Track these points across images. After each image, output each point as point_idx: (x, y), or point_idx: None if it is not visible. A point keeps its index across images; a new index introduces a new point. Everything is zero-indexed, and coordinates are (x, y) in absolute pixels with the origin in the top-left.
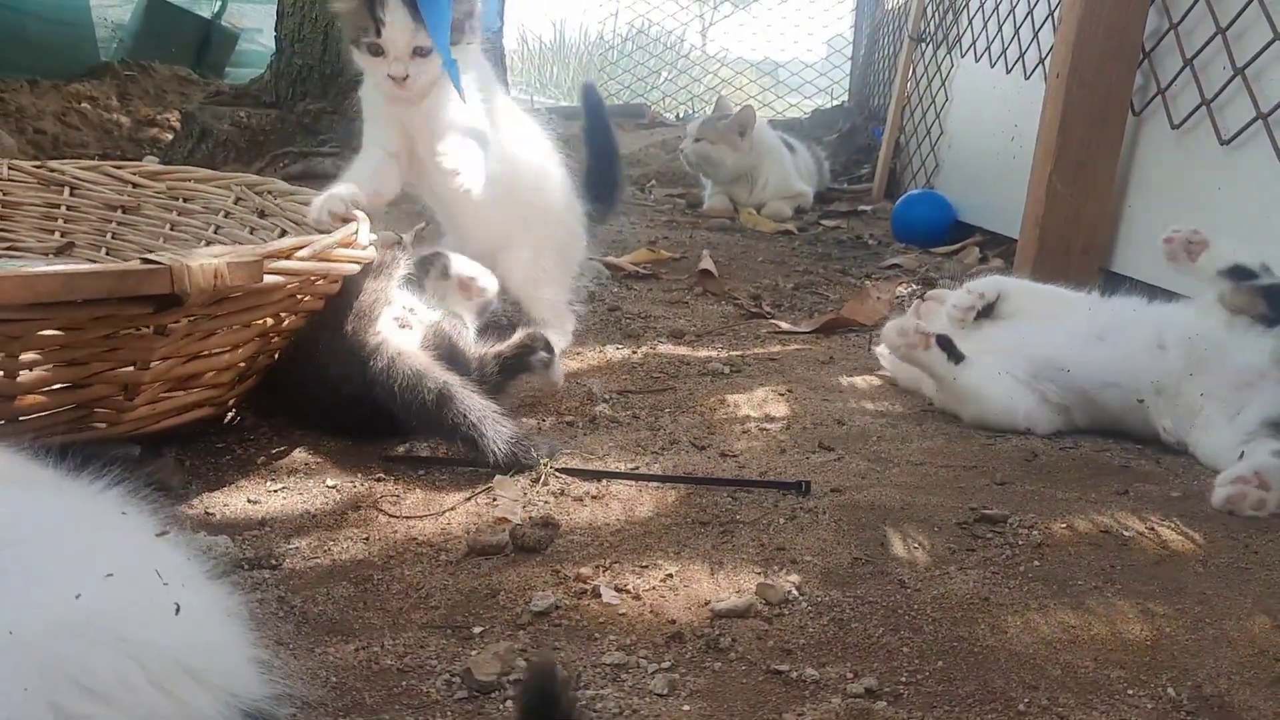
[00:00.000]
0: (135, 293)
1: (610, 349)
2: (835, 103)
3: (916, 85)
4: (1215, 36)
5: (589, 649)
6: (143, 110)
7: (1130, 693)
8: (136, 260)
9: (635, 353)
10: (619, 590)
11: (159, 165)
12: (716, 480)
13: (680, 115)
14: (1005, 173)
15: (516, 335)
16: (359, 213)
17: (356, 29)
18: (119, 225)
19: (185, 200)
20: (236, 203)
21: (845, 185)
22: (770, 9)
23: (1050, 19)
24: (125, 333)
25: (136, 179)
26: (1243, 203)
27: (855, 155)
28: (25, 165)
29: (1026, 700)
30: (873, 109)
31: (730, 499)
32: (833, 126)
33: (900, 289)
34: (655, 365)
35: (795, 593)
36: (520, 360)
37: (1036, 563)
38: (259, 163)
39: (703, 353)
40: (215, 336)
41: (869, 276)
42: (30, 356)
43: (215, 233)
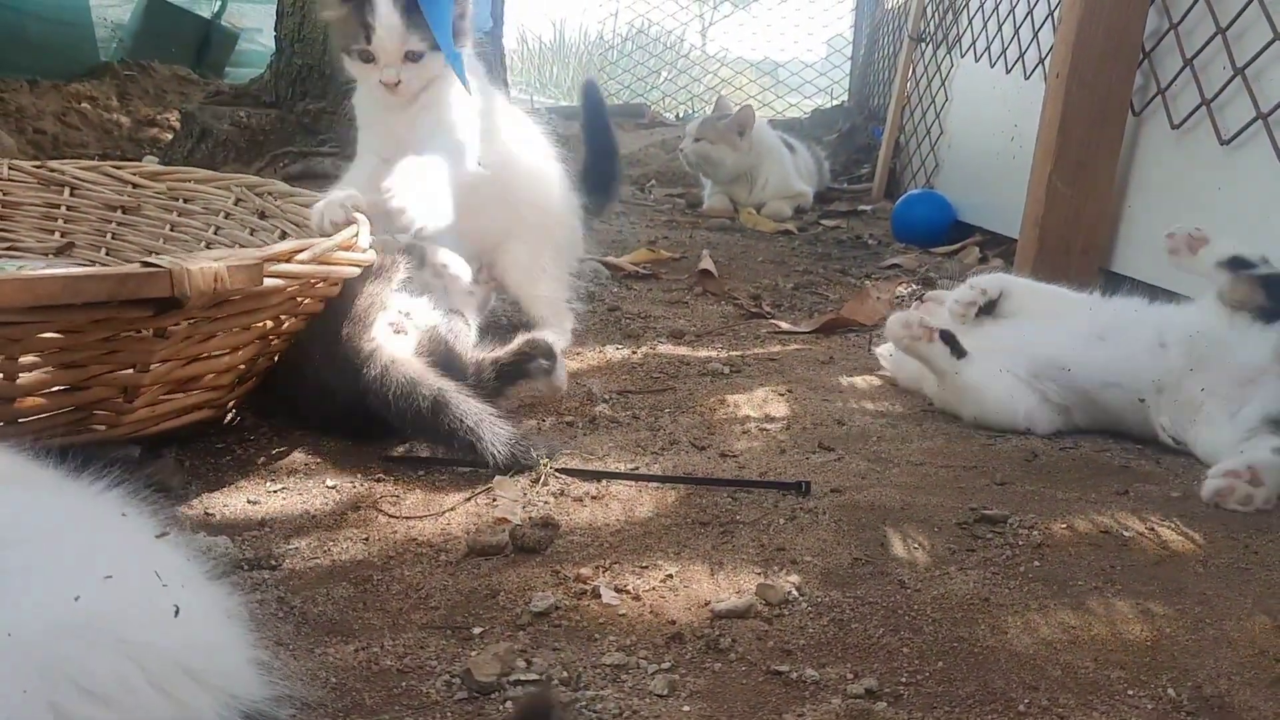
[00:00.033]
0: (135, 296)
1: (610, 349)
2: (835, 103)
3: (916, 85)
4: (1215, 36)
5: (589, 649)
6: (143, 110)
7: (1130, 693)
8: (137, 263)
9: (635, 353)
10: (619, 591)
11: (159, 165)
12: (716, 480)
13: (680, 115)
14: (1005, 173)
15: (515, 342)
16: (359, 215)
17: (346, 37)
18: (119, 226)
19: (185, 201)
20: (237, 204)
21: (845, 185)
22: (770, 9)
23: (1050, 19)
24: (125, 335)
25: (136, 179)
26: (1243, 203)
27: (855, 155)
28: (25, 165)
29: (1027, 701)
30: (873, 109)
31: (730, 499)
32: (833, 126)
33: (900, 289)
34: (655, 365)
35: (795, 593)
36: (518, 367)
37: (1036, 563)
38: (259, 162)
39: (703, 353)
40: (215, 339)
41: (869, 276)
42: (30, 359)
43: (215, 234)
